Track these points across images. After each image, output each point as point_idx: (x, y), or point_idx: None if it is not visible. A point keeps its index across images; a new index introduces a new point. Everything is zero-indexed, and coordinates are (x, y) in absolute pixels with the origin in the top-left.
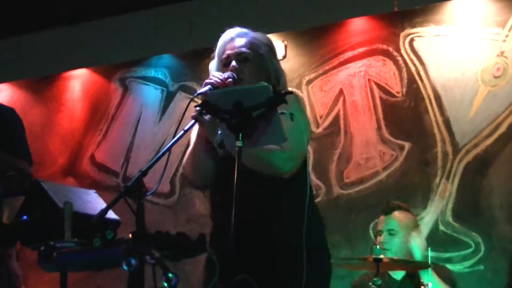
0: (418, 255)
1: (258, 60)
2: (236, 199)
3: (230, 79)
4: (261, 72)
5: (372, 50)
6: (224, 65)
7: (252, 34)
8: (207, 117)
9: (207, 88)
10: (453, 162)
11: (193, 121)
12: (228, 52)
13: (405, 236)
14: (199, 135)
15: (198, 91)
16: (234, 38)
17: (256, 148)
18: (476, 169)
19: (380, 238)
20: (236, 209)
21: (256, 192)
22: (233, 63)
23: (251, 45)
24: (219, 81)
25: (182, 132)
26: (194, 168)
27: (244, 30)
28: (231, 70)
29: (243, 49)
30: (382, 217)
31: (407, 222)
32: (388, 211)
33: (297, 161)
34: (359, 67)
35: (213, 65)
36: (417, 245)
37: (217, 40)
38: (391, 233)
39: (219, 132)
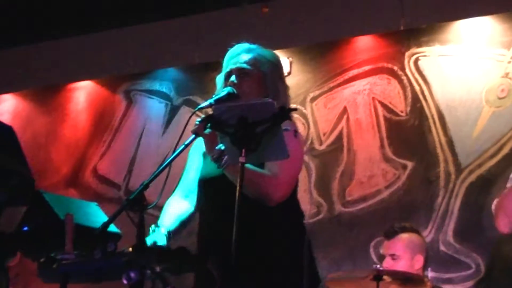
0: None
1: (258, 77)
2: (237, 216)
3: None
4: (260, 89)
5: (377, 68)
6: (226, 79)
7: (259, 51)
8: (206, 131)
9: (208, 103)
10: (455, 182)
11: (193, 135)
12: (230, 67)
13: (410, 258)
14: None
15: (199, 106)
16: (240, 53)
17: (249, 169)
18: (479, 189)
19: (384, 263)
20: (237, 226)
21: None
22: (233, 78)
23: (254, 61)
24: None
25: (183, 146)
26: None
27: (252, 46)
28: (230, 85)
29: (245, 65)
30: (384, 242)
31: (410, 244)
32: (389, 236)
33: (286, 191)
34: (364, 85)
35: (219, 78)
36: None
37: (223, 55)
38: (393, 258)
39: (216, 147)
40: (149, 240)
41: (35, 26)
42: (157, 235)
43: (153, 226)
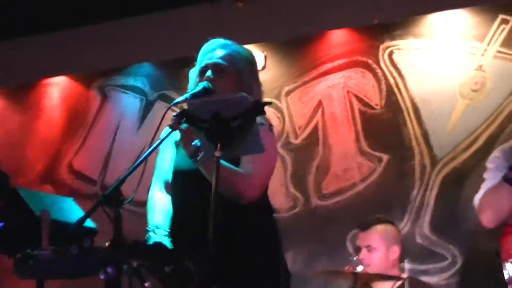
0: None
1: (234, 74)
2: (214, 212)
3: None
4: (235, 85)
5: (352, 62)
6: (201, 74)
7: (234, 47)
8: (182, 126)
9: (183, 97)
10: (430, 175)
11: (169, 130)
12: (206, 62)
13: (385, 250)
14: None
15: (175, 101)
16: (215, 49)
17: (224, 167)
18: (454, 182)
19: (359, 255)
20: (213, 222)
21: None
22: (208, 73)
23: (230, 57)
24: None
25: (159, 141)
26: None
27: (227, 42)
28: (206, 80)
29: (221, 61)
30: (360, 233)
31: (386, 235)
32: (364, 228)
33: (260, 190)
34: (338, 79)
35: (192, 73)
36: None
37: (198, 49)
38: (369, 249)
39: (193, 143)
40: (155, 241)
41: (6, 23)
42: (160, 237)
43: (151, 226)
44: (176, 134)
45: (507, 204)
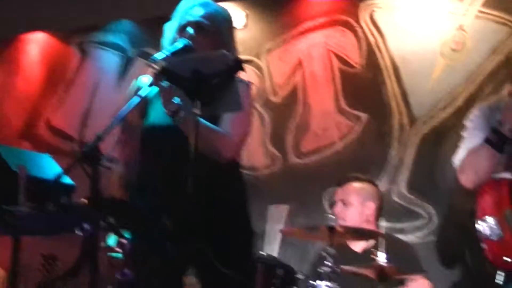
0: None
1: (214, 32)
2: (192, 169)
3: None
4: (215, 44)
5: (332, 20)
6: (181, 31)
7: (214, 7)
8: (163, 84)
9: (164, 55)
10: (409, 134)
11: (149, 87)
12: (187, 19)
13: (360, 205)
14: None
15: (155, 57)
16: (196, 6)
17: (204, 125)
18: (432, 141)
19: (334, 209)
20: (192, 178)
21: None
22: (190, 31)
23: (211, 16)
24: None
25: (138, 99)
26: None
27: (207, 0)
28: (187, 38)
29: (202, 19)
30: (337, 189)
31: (361, 191)
32: (341, 183)
33: (238, 149)
34: (319, 38)
35: (170, 27)
36: None
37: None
38: (344, 203)
39: (173, 101)
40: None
41: None
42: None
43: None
44: (147, 89)
45: (488, 165)
